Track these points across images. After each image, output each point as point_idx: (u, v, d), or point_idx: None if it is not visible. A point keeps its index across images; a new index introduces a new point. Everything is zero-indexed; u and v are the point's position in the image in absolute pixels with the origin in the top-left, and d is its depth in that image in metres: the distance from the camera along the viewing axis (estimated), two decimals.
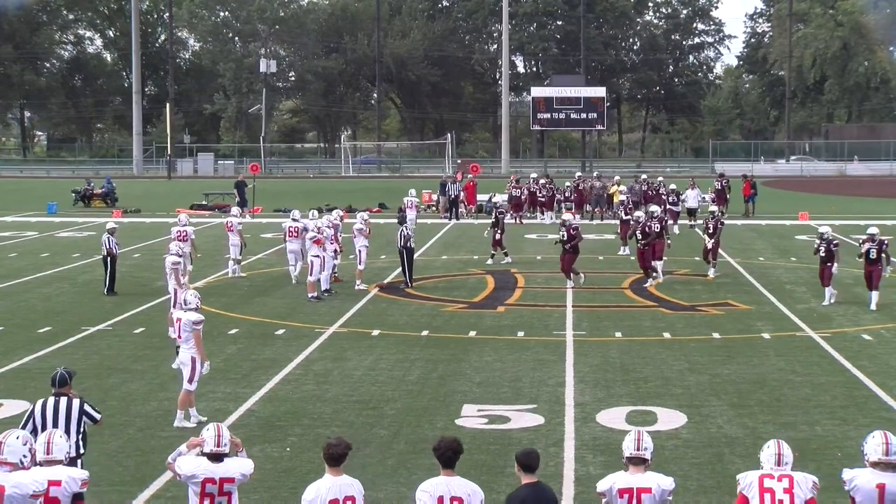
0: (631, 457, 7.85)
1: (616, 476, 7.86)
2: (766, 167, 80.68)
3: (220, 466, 8.05)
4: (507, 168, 79.52)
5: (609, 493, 7.77)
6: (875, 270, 22.13)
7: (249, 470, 8.20)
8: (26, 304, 23.41)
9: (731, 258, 30.22)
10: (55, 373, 10.07)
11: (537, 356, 17.86)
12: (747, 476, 7.90)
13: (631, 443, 7.88)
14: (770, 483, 7.74)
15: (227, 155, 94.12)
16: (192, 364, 13.80)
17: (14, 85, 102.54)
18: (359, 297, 23.84)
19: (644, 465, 7.84)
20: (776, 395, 15.37)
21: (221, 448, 8.09)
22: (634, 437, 7.91)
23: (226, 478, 8.03)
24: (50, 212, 46.33)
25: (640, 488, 7.72)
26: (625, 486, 7.74)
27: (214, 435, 8.10)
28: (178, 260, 20.15)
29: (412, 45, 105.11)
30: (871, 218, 42.39)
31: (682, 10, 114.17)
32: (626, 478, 7.80)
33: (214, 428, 8.18)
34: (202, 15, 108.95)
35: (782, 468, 7.83)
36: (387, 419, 14.19)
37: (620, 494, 7.72)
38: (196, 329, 13.79)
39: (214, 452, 8.08)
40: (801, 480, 7.75)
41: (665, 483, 7.79)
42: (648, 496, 7.70)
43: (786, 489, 7.73)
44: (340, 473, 7.68)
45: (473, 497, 7.62)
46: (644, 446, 7.85)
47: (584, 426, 13.79)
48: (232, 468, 8.11)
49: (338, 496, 7.58)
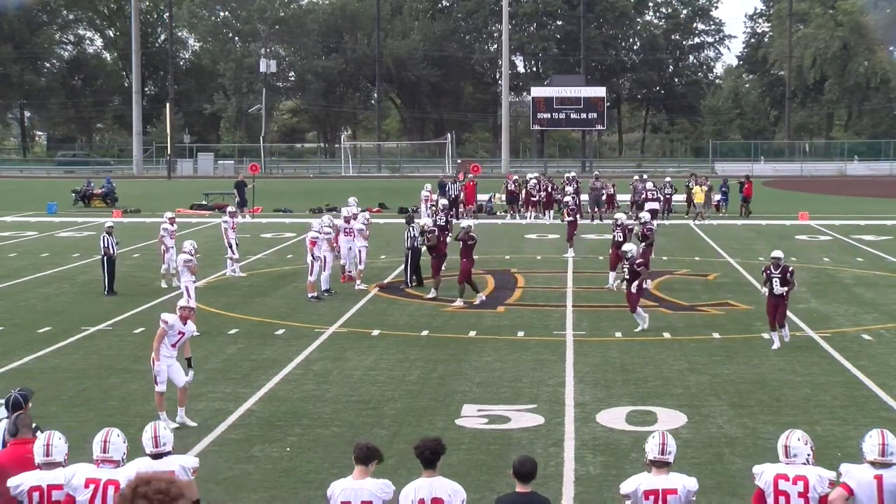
0: (655, 460, 7.83)
1: (640, 477, 7.84)
2: (766, 167, 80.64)
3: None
4: (507, 168, 79.52)
5: (634, 495, 7.75)
6: (780, 304, 18.21)
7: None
8: (26, 304, 23.40)
9: (731, 258, 30.22)
10: (9, 395, 9.38)
11: (537, 356, 17.86)
12: (764, 473, 7.90)
13: (655, 446, 7.84)
14: (785, 486, 7.74)
15: (227, 155, 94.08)
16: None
17: (14, 85, 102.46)
18: (359, 297, 23.84)
19: (667, 467, 7.83)
20: (776, 395, 15.38)
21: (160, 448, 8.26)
22: (659, 440, 7.86)
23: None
24: (50, 212, 46.32)
25: (665, 490, 7.70)
26: (650, 488, 7.71)
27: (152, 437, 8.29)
28: (191, 258, 20.22)
29: (412, 45, 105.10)
30: (871, 218, 42.47)
31: (682, 10, 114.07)
32: (651, 479, 7.77)
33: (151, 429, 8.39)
34: (202, 15, 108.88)
35: (791, 460, 7.86)
36: (387, 419, 14.19)
37: (646, 496, 7.70)
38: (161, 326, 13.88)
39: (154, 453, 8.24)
40: (817, 482, 7.77)
41: (690, 484, 7.79)
42: (674, 497, 7.69)
43: (800, 493, 7.73)
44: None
45: (455, 497, 7.64)
46: (669, 450, 7.83)
47: (584, 426, 13.79)
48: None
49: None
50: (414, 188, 42.99)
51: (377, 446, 8.07)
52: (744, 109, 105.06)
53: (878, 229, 38.44)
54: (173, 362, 13.96)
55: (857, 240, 35.12)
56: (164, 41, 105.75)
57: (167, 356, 13.92)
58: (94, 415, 14.29)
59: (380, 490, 7.72)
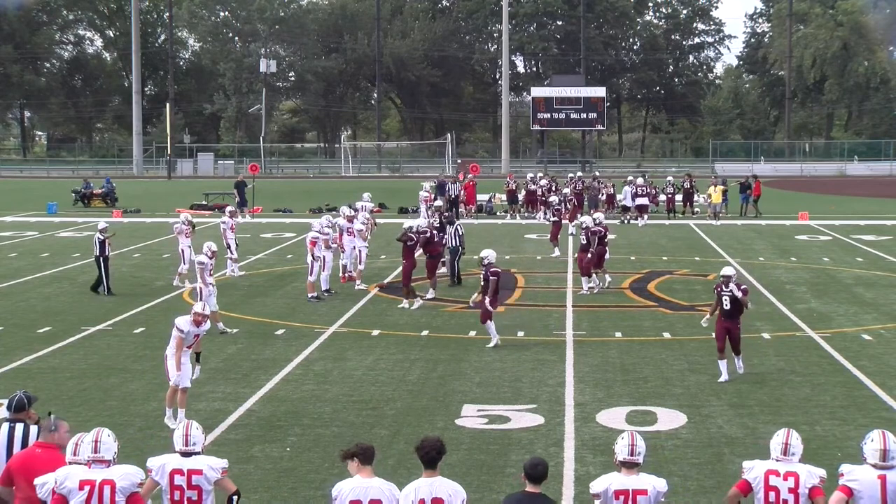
0: (624, 461, 7.90)
1: (611, 477, 7.90)
2: (765, 167, 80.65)
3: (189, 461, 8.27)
4: (507, 168, 79.53)
5: (604, 495, 7.82)
6: (733, 327, 16.08)
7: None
8: (26, 304, 23.40)
9: (731, 258, 30.22)
10: (13, 396, 9.27)
11: (537, 356, 17.86)
12: (754, 468, 8.02)
13: (624, 448, 7.91)
14: (776, 481, 7.83)
15: (227, 155, 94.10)
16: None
17: (14, 85, 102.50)
18: (359, 297, 23.85)
19: (637, 467, 7.92)
20: (776, 395, 15.37)
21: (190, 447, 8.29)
22: (628, 442, 7.93)
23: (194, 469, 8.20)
24: (50, 212, 46.33)
25: (635, 490, 7.79)
26: (620, 488, 7.80)
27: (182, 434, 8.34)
28: (205, 260, 20.21)
29: (412, 45, 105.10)
30: (871, 218, 42.48)
31: (682, 10, 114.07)
32: (622, 479, 7.85)
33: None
34: (202, 15, 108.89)
35: (788, 458, 7.92)
36: (387, 419, 14.19)
37: (616, 496, 7.78)
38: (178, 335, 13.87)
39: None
40: (807, 477, 7.86)
41: (660, 485, 7.88)
42: (644, 498, 7.77)
43: (791, 489, 7.83)
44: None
45: (455, 497, 7.66)
46: (638, 451, 7.90)
47: (584, 426, 13.79)
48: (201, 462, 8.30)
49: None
50: (414, 188, 42.98)
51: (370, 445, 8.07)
52: (744, 109, 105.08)
53: (878, 229, 38.45)
54: (186, 361, 13.97)
55: (856, 240, 35.13)
56: (164, 41, 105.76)
57: (183, 353, 13.94)
58: (94, 415, 14.29)
59: (388, 490, 7.75)
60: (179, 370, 13.79)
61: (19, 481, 8.34)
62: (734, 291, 15.86)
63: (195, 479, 8.15)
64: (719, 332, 16.06)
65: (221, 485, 8.28)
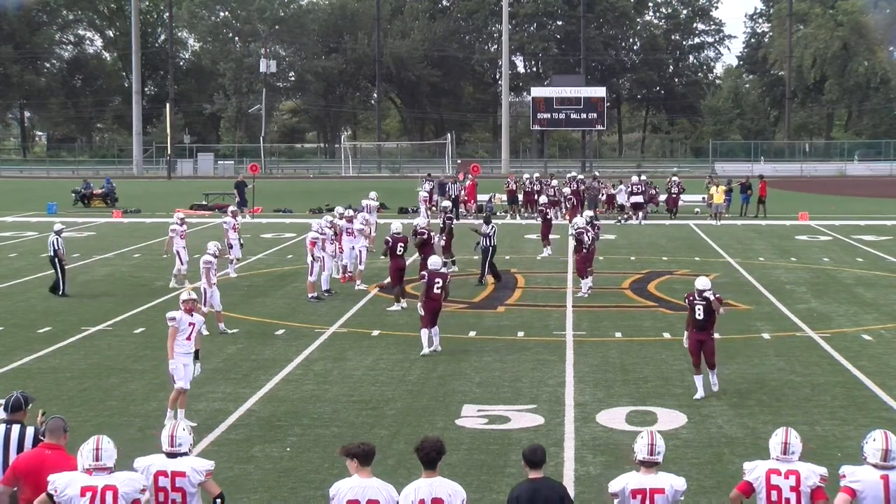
0: (644, 460, 7.88)
1: (629, 476, 7.88)
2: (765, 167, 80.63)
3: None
4: (507, 168, 79.52)
5: (622, 494, 7.80)
6: (707, 339, 15.30)
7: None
8: (26, 304, 23.40)
9: (731, 258, 30.22)
10: (10, 396, 9.12)
11: (537, 356, 17.86)
12: (755, 468, 8.02)
13: (644, 447, 7.88)
14: (777, 480, 7.85)
15: (227, 155, 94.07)
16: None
17: (14, 85, 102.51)
18: (359, 297, 23.84)
19: (656, 466, 7.88)
20: (776, 395, 15.37)
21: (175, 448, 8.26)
22: (648, 441, 7.89)
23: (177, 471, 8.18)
24: (50, 212, 46.30)
25: (653, 489, 7.76)
26: (638, 487, 7.77)
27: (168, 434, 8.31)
28: (211, 260, 20.18)
29: (412, 45, 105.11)
30: (871, 218, 42.48)
31: (682, 10, 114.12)
32: (639, 478, 7.82)
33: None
34: (202, 15, 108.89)
35: (788, 457, 7.93)
36: (387, 419, 14.19)
37: (633, 495, 7.75)
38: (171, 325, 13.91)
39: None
40: (808, 475, 7.86)
41: (678, 484, 7.85)
42: (662, 497, 7.74)
43: (792, 487, 7.85)
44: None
45: (455, 497, 7.65)
46: (657, 451, 7.88)
47: (584, 426, 13.79)
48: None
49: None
50: (414, 188, 42.96)
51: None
52: (744, 109, 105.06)
53: (878, 229, 38.45)
54: (189, 361, 13.95)
55: (857, 240, 35.13)
56: (164, 41, 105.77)
57: (185, 353, 13.93)
58: (94, 415, 14.30)
59: (386, 491, 7.75)
60: (172, 357, 13.83)
61: (27, 483, 8.25)
62: (709, 296, 15.12)
63: (178, 482, 8.10)
64: (693, 346, 15.29)
65: (205, 487, 8.21)
